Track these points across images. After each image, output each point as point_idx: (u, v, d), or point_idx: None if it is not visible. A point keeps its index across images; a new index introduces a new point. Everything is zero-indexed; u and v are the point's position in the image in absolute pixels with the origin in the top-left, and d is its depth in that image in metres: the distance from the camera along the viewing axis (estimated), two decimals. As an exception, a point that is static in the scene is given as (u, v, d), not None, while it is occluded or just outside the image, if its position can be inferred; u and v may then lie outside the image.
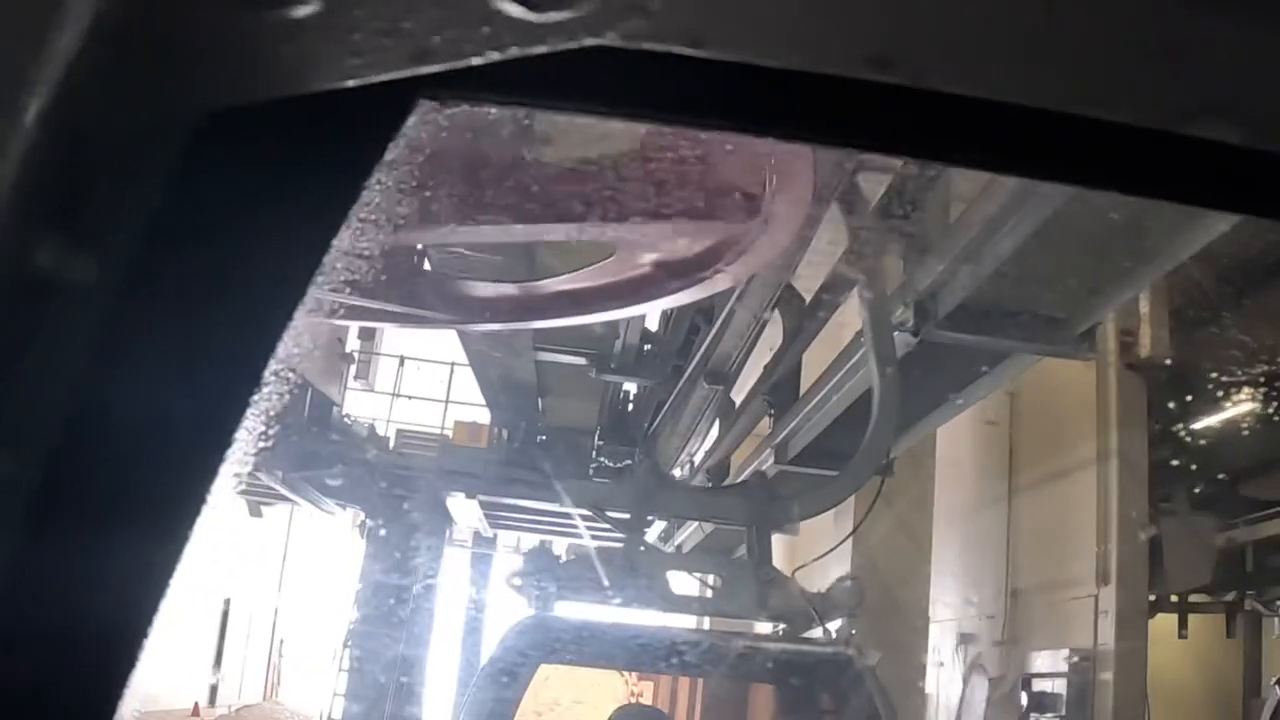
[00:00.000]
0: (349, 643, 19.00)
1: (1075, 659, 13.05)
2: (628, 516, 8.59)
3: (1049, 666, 13.54)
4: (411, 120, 1.29)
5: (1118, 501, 12.97)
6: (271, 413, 1.36)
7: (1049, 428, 14.89)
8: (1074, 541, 13.64)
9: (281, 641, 38.82)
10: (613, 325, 11.99)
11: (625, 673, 10.72)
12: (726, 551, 10.88)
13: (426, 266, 6.59)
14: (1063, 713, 13.10)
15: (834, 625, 7.78)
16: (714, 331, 10.27)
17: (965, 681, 15.77)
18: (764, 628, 8.64)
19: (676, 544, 14.48)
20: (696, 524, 12.93)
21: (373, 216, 1.38)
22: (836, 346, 10.19)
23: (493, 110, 1.50)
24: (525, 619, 7.60)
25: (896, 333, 8.08)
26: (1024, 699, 13.84)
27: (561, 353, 13.07)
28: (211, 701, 32.00)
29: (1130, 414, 13.18)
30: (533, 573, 7.70)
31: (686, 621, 8.60)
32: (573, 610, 7.86)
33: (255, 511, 23.46)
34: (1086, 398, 13.61)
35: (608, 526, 9.40)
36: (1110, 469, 13.13)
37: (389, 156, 1.29)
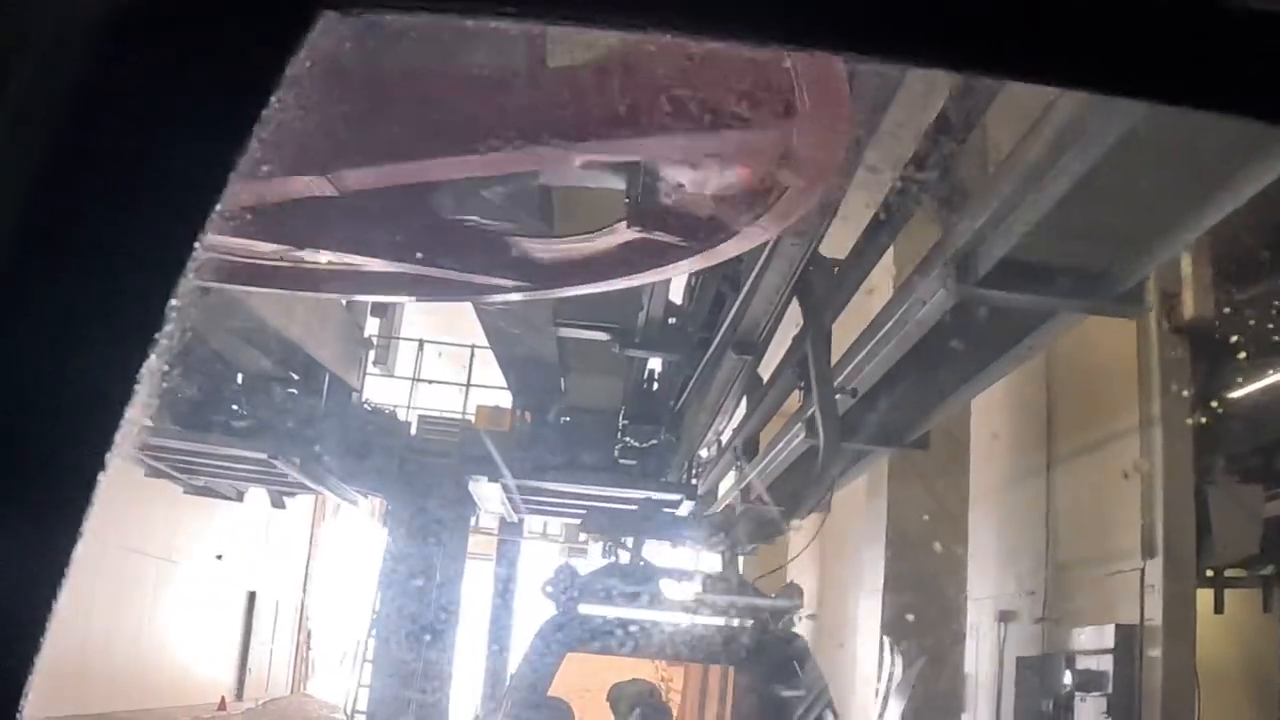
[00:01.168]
0: (373, 632, 18.74)
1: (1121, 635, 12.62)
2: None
3: (1093, 643, 13.07)
4: (315, 32, 1.24)
5: (1163, 471, 12.52)
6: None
7: (1088, 395, 14.44)
8: (1117, 513, 13.19)
9: (309, 633, 38.68)
10: (635, 298, 11.62)
11: (656, 662, 12.51)
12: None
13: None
14: (1109, 691, 12.64)
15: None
16: (741, 298, 9.83)
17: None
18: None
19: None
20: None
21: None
22: (867, 316, 9.80)
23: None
24: (554, 618, 10.38)
25: (937, 292, 7.68)
26: (1068, 678, 13.39)
27: (583, 328, 12.66)
28: (239, 695, 31.84)
29: (1174, 379, 12.71)
30: (559, 584, 10.54)
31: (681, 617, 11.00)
32: (592, 610, 10.56)
33: (278, 502, 23.19)
34: (1127, 363, 13.16)
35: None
36: (1154, 437, 12.67)
37: (291, 72, 1.24)
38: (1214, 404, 13.07)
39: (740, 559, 14.35)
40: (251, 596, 32.93)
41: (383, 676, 18.26)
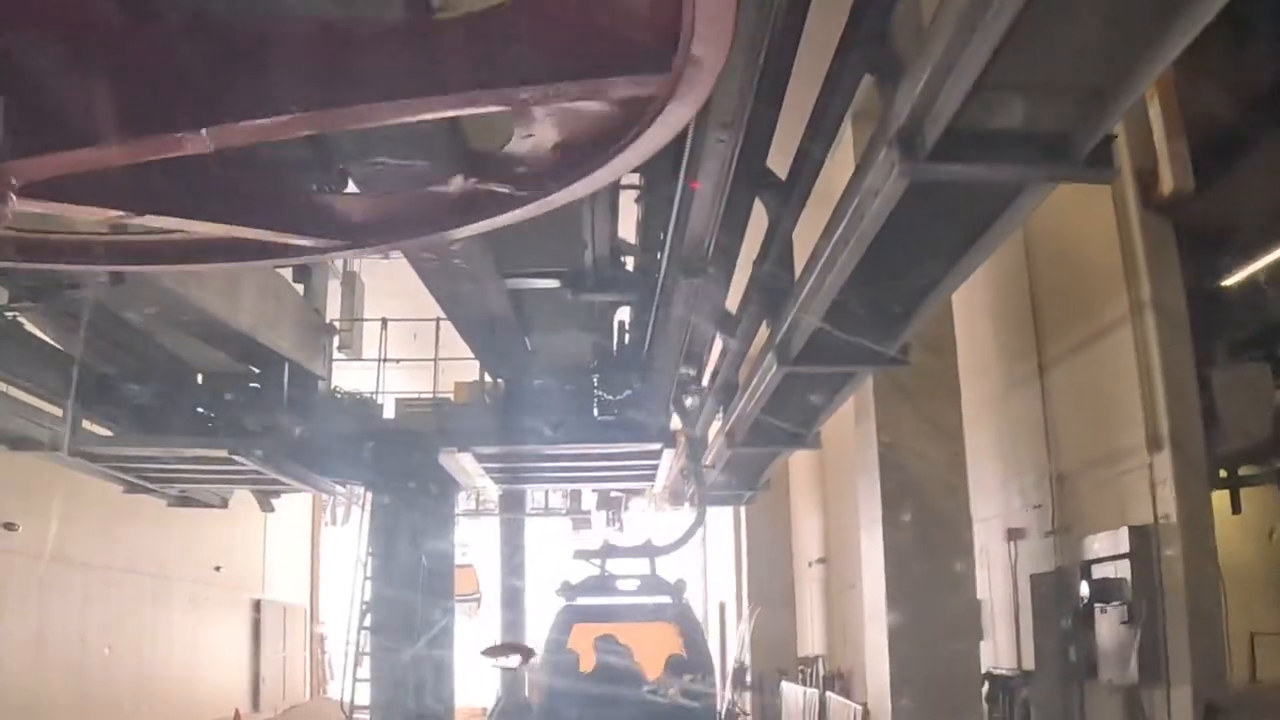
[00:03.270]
0: (365, 625, 18.06)
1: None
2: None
3: (1107, 550, 12.38)
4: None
5: (1160, 358, 11.81)
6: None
7: (1073, 291, 13.77)
8: (1118, 410, 12.52)
9: (323, 637, 38.16)
10: (579, 237, 10.92)
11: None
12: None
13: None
14: (1128, 598, 11.94)
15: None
16: (676, 213, 9.09)
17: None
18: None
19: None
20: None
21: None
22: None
23: None
24: (564, 607, 17.52)
25: (888, 177, 6.95)
26: (1084, 589, 12.71)
27: (530, 276, 11.91)
28: (255, 706, 31.34)
29: (1160, 261, 12.02)
30: (565, 588, 17.76)
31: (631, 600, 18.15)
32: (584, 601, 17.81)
33: (265, 506, 22.50)
34: (1110, 251, 12.47)
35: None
36: (1147, 324, 11.98)
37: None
38: (1207, 284, 12.38)
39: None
40: (256, 605, 32.43)
41: (380, 669, 17.64)
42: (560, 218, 10.26)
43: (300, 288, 17.41)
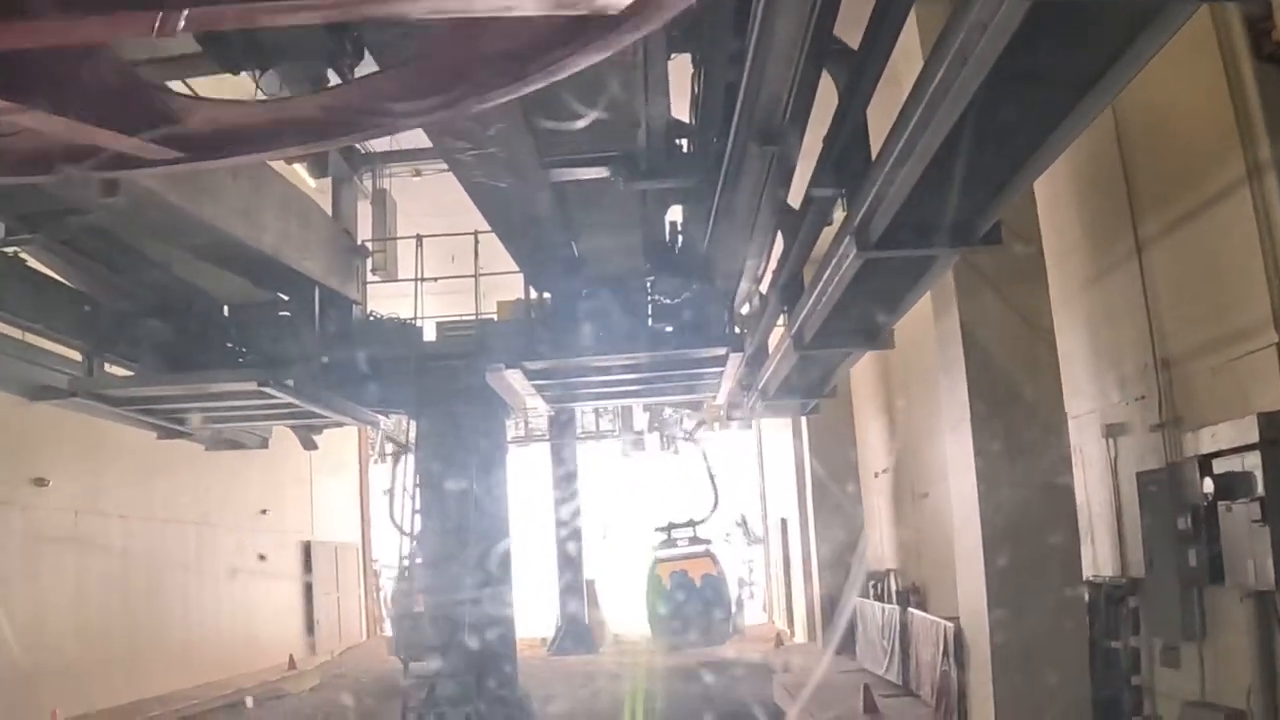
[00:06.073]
0: (417, 559, 17.14)
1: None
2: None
3: (1231, 440, 11.12)
4: None
5: (1287, 220, 10.54)
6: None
7: (1174, 159, 12.47)
8: (1235, 285, 11.24)
9: (378, 575, 37.54)
10: (632, 117, 9.75)
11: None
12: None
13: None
14: (1259, 493, 10.69)
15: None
16: (750, 63, 7.85)
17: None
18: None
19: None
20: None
21: None
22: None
23: None
24: (655, 557, 33.72)
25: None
26: (1208, 485, 11.47)
27: (576, 165, 10.74)
28: (311, 649, 30.74)
29: (1279, 116, 10.71)
30: (654, 546, 34.03)
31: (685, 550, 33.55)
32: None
33: (309, 443, 21.63)
34: (1218, 110, 11.18)
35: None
36: (1268, 186, 10.68)
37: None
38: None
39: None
40: (306, 547, 31.74)
41: (435, 606, 16.70)
42: (606, 94, 9.19)
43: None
